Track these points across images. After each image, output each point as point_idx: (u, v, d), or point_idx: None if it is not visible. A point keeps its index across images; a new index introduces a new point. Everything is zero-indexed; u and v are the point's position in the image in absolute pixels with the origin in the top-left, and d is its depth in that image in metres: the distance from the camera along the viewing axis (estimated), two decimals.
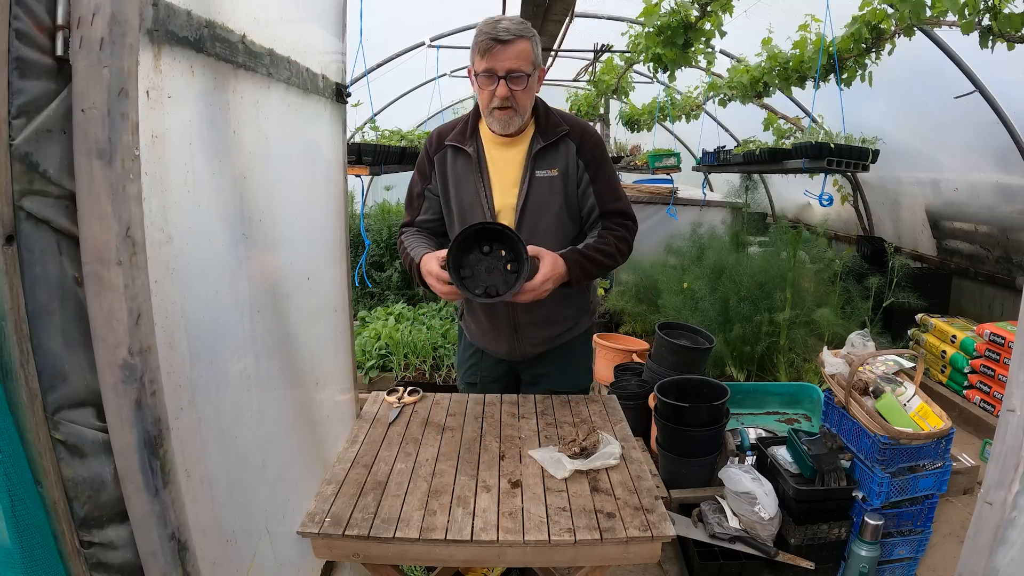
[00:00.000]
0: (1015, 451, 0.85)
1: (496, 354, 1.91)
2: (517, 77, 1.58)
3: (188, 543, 0.93)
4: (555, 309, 1.81)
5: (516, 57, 1.57)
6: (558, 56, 5.49)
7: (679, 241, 4.58)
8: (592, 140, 1.74)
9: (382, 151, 3.53)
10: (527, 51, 1.58)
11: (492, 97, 1.61)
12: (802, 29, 3.71)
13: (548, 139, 1.69)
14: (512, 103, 1.61)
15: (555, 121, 1.72)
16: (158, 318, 0.87)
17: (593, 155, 1.72)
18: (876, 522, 2.04)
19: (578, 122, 1.76)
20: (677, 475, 2.42)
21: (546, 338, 1.85)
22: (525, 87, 1.61)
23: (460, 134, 1.74)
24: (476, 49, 1.59)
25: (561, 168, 1.70)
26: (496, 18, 1.60)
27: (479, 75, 1.61)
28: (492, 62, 1.57)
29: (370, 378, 3.77)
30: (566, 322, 1.84)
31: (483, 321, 1.86)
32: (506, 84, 1.58)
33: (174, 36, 0.94)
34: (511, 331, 1.82)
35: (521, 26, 1.59)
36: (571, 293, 1.81)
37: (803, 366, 3.29)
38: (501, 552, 1.23)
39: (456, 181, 1.74)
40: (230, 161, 1.20)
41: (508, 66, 1.57)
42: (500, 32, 1.55)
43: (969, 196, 4.27)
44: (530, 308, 1.76)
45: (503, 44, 1.55)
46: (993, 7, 2.49)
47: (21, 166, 0.75)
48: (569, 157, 1.71)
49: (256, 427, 1.33)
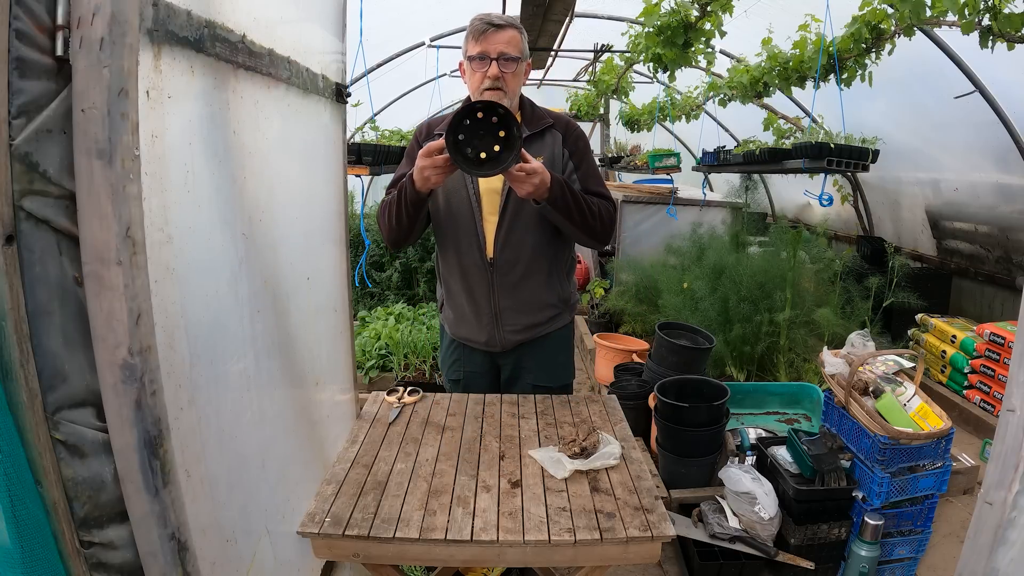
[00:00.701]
0: (1015, 451, 0.85)
1: (476, 344, 1.91)
2: (508, 60, 1.68)
3: (188, 543, 0.93)
4: (536, 294, 1.83)
5: (508, 42, 1.68)
6: (558, 56, 5.49)
7: (679, 241, 4.57)
8: (576, 132, 1.83)
9: (382, 151, 3.53)
10: (517, 39, 1.70)
11: (483, 79, 1.69)
12: (802, 29, 3.71)
13: (534, 129, 1.77)
14: (502, 84, 1.69)
15: (540, 114, 1.83)
16: (158, 318, 0.87)
17: (578, 145, 1.81)
18: (876, 522, 2.03)
19: (562, 116, 1.86)
20: (677, 475, 2.42)
21: (526, 325, 1.86)
22: (515, 71, 1.70)
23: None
24: (470, 34, 1.71)
25: (547, 156, 1.75)
26: (488, 12, 1.73)
27: (472, 59, 1.70)
28: (485, 44, 1.67)
29: (370, 378, 3.77)
30: (547, 310, 1.86)
31: (464, 306, 1.87)
32: (498, 65, 1.68)
33: (174, 36, 0.94)
34: (492, 316, 1.84)
35: (512, 18, 1.75)
36: (552, 282, 1.84)
37: (803, 366, 3.28)
38: (501, 552, 1.23)
39: None
40: (230, 161, 1.20)
41: (500, 49, 1.67)
42: (493, 18, 1.68)
43: (969, 196, 4.27)
44: (511, 292, 1.81)
45: (496, 28, 1.67)
46: (993, 7, 2.49)
47: (21, 166, 0.75)
48: (555, 146, 1.78)
49: (256, 427, 1.33)
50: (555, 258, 1.85)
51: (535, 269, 1.81)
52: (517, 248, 1.78)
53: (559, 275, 1.87)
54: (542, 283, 1.83)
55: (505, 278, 1.80)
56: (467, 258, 1.80)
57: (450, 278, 1.88)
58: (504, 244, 1.77)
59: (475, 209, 1.76)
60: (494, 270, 1.79)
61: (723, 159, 4.96)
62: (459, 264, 1.83)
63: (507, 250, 1.77)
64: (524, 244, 1.78)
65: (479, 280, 1.81)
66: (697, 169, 5.87)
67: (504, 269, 1.79)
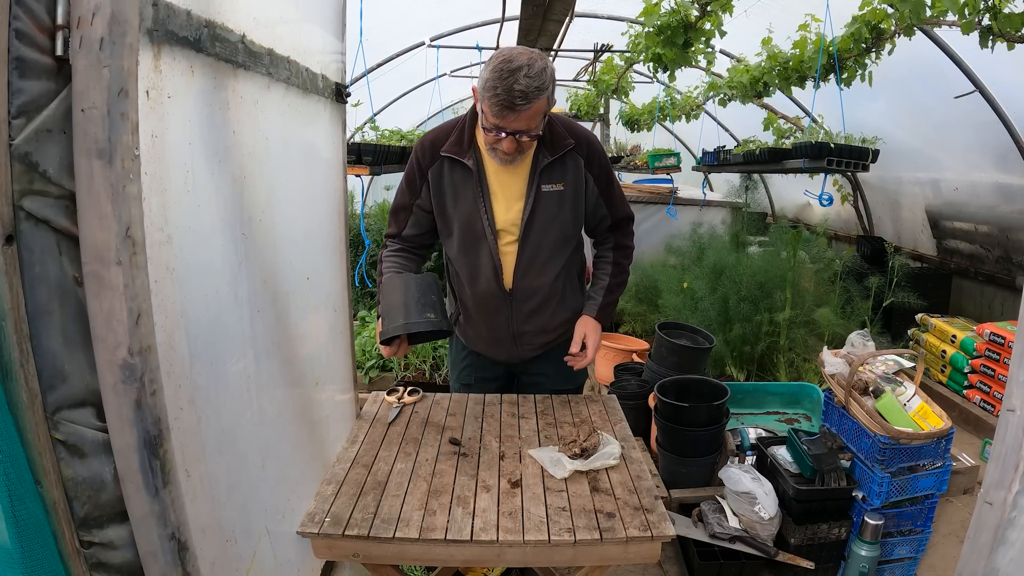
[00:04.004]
0: (1015, 451, 0.85)
1: (494, 358, 1.91)
2: (527, 132, 1.51)
3: (188, 543, 0.93)
4: (556, 316, 1.82)
5: (529, 119, 1.48)
6: (558, 56, 5.49)
7: (679, 241, 4.57)
8: (598, 155, 1.72)
9: (382, 151, 3.53)
10: (540, 108, 1.48)
11: (496, 143, 1.53)
12: (802, 29, 3.71)
13: (555, 153, 1.64)
14: (518, 150, 1.55)
15: (560, 134, 1.65)
16: (158, 318, 0.87)
17: (601, 167, 1.72)
18: (876, 522, 2.04)
19: (582, 133, 1.71)
20: (677, 475, 2.42)
21: (545, 343, 1.86)
22: (535, 137, 1.55)
23: (456, 144, 1.65)
24: (488, 101, 1.45)
25: (569, 182, 1.67)
26: (512, 66, 1.41)
27: (486, 125, 1.51)
28: (503, 123, 1.47)
29: (370, 378, 3.77)
30: (564, 325, 1.85)
31: (483, 331, 1.86)
32: (514, 140, 1.51)
33: (174, 36, 0.94)
34: (511, 339, 1.83)
35: (538, 82, 1.43)
36: (567, 299, 1.83)
37: (803, 366, 3.29)
38: (501, 552, 1.23)
39: (454, 194, 1.68)
40: (230, 161, 1.20)
41: (518, 127, 1.48)
42: (516, 97, 1.41)
43: (969, 196, 4.27)
44: (530, 318, 1.78)
45: (516, 112, 1.44)
46: (993, 7, 2.49)
47: (21, 166, 0.75)
48: (577, 171, 1.68)
49: (256, 427, 1.33)
50: (569, 276, 1.82)
51: (553, 293, 1.78)
52: (536, 278, 1.74)
53: (573, 291, 1.85)
54: (560, 304, 1.81)
55: (523, 305, 1.76)
56: (484, 287, 1.75)
57: (466, 301, 1.83)
58: (524, 275, 1.72)
59: (491, 242, 1.68)
60: (513, 300, 1.75)
61: (723, 159, 4.96)
62: (475, 291, 1.77)
63: (526, 280, 1.73)
64: (543, 274, 1.74)
65: (497, 308, 1.77)
66: (697, 169, 5.88)
67: (523, 298, 1.75)
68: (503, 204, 1.67)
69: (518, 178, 1.66)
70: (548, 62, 1.49)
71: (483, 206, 1.65)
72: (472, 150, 1.64)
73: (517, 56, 1.44)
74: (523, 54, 1.45)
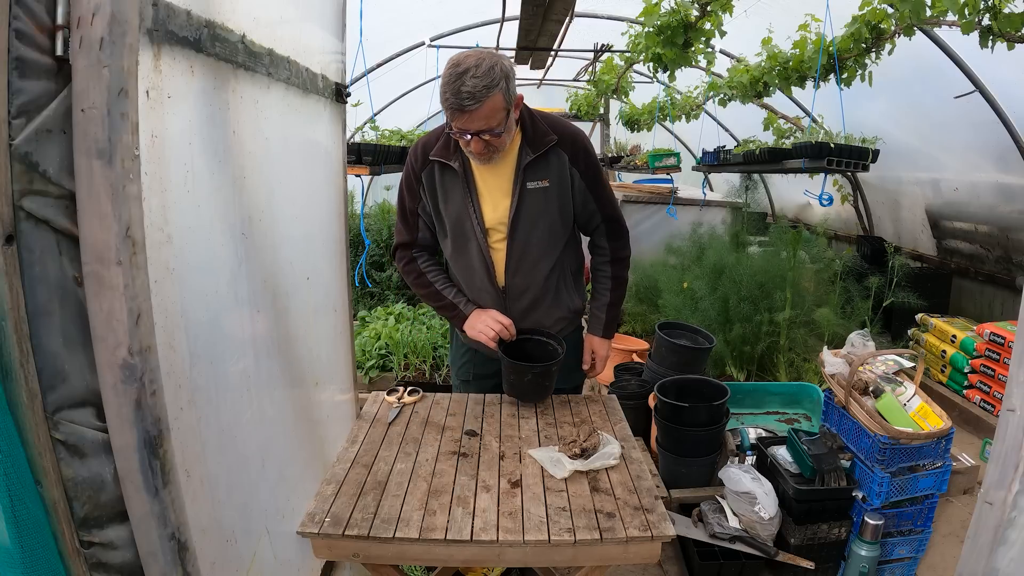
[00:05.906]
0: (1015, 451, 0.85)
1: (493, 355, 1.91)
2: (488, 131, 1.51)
3: (188, 543, 0.93)
4: (550, 313, 1.83)
5: (485, 118, 1.48)
6: (558, 56, 5.48)
7: (679, 241, 4.57)
8: (582, 148, 1.71)
9: (382, 151, 3.53)
10: (496, 106, 1.47)
11: (466, 146, 1.57)
12: (802, 29, 3.71)
13: (538, 150, 1.65)
14: (487, 150, 1.56)
15: (542, 130, 1.66)
16: (158, 318, 0.87)
17: (588, 163, 1.72)
18: (876, 522, 2.03)
19: (566, 128, 1.71)
20: (677, 475, 2.42)
21: None
22: (500, 135, 1.54)
23: (444, 148, 1.68)
24: (443, 107, 1.50)
25: (553, 178, 1.68)
26: (459, 70, 1.43)
27: (450, 130, 1.56)
28: (460, 124, 1.50)
29: (370, 378, 3.77)
30: (560, 323, 1.86)
31: None
32: (480, 139, 1.53)
33: (174, 36, 0.94)
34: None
35: (486, 81, 1.43)
36: (561, 297, 1.84)
37: (803, 366, 3.28)
38: (501, 552, 1.23)
39: (445, 196, 1.72)
40: (230, 161, 1.20)
41: (478, 127, 1.49)
42: (464, 98, 1.43)
43: (969, 196, 4.27)
44: (525, 316, 1.80)
45: (468, 113, 1.46)
46: (993, 7, 2.49)
47: (21, 166, 0.75)
48: (562, 167, 1.68)
49: (256, 427, 1.33)
50: (563, 274, 1.83)
51: (547, 290, 1.80)
52: (527, 275, 1.75)
53: (568, 289, 1.85)
54: (554, 302, 1.82)
55: (517, 303, 1.79)
56: (478, 285, 1.78)
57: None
58: (515, 272, 1.75)
59: (481, 240, 1.71)
60: (506, 296, 1.78)
61: (723, 159, 4.96)
62: (471, 290, 1.81)
63: (517, 277, 1.75)
64: (535, 271, 1.76)
65: (492, 304, 1.79)
66: (697, 169, 5.87)
67: (515, 295, 1.78)
68: (490, 203, 1.70)
69: (503, 177, 1.69)
70: (500, 60, 1.49)
71: (471, 205, 1.69)
72: (458, 152, 1.68)
73: (465, 59, 1.46)
74: (471, 56, 1.47)
